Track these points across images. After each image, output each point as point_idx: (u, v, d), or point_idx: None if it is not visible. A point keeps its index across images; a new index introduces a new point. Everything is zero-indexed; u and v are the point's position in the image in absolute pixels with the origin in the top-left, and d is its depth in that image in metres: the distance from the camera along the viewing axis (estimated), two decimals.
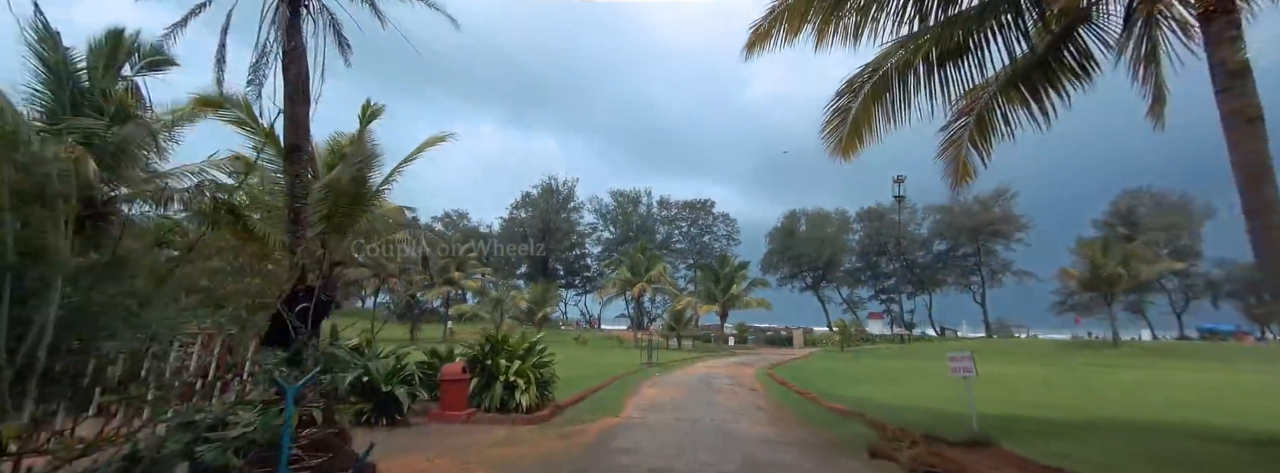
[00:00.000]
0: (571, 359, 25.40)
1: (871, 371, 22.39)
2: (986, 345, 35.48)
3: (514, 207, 76.30)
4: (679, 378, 18.42)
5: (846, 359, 29.57)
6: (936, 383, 16.30)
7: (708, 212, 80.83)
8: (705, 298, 40.30)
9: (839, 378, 18.98)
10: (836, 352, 36.47)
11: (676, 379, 17.85)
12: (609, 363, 23.83)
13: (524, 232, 74.80)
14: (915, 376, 20.13)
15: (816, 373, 21.17)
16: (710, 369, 22.89)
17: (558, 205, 76.32)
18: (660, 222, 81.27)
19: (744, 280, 40.87)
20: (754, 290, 42.04)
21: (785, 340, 51.24)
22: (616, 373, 18.69)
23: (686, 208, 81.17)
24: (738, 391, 15.22)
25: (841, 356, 33.51)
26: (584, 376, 16.77)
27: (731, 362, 28.15)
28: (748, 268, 42.26)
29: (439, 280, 46.73)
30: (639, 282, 42.34)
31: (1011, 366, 24.21)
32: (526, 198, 76.11)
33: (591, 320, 79.24)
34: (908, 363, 26.64)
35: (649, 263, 43.44)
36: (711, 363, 26.92)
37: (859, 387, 15.81)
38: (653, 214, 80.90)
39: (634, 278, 43.15)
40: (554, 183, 76.53)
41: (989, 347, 35.03)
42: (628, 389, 14.71)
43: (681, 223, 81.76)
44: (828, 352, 37.46)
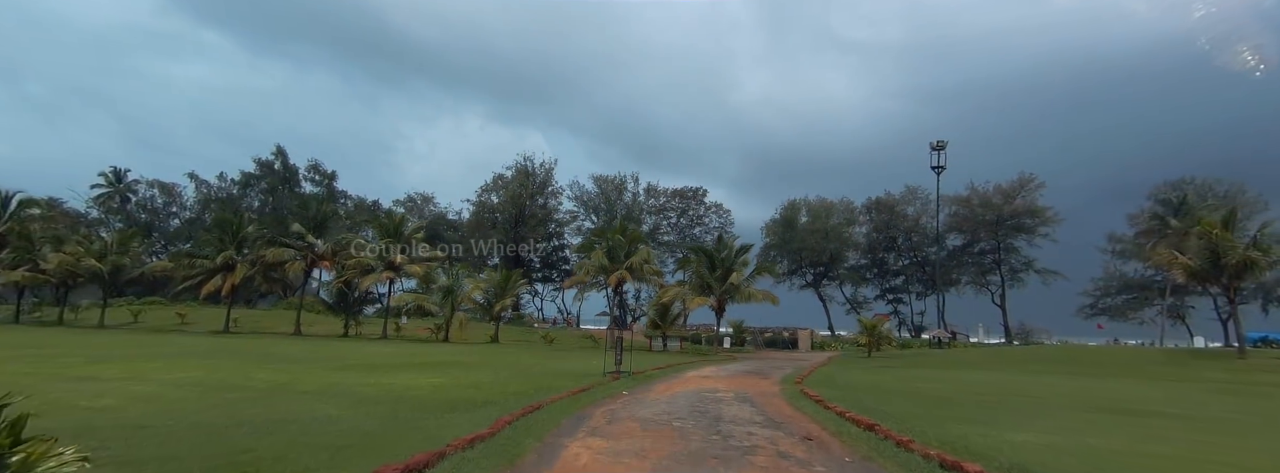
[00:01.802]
0: (509, 366, 17.91)
1: (946, 387, 15.06)
2: (1064, 355, 28.25)
3: (483, 190, 68.36)
4: (658, 404, 10.85)
5: (887, 369, 22.25)
6: (1074, 417, 9.33)
7: (699, 201, 73.41)
8: (697, 289, 32.84)
9: (913, 401, 11.66)
10: (864, 357, 29.17)
11: (654, 409, 10.28)
12: (558, 371, 16.34)
13: (494, 218, 67.01)
14: (1017, 397, 12.89)
15: (867, 389, 13.85)
16: (708, 382, 15.44)
17: (534, 189, 68.54)
18: (647, 211, 73.67)
19: (746, 267, 33.47)
20: (758, 280, 34.67)
21: (789, 343, 43.92)
22: (554, 392, 11.20)
23: (676, 196, 73.67)
24: (776, 439, 7.73)
25: (873, 362, 26.23)
26: (481, 399, 9.34)
27: (735, 370, 20.71)
28: (750, 252, 34.79)
29: (380, 265, 38.92)
30: (618, 269, 34.79)
31: (1168, 389, 16.96)
32: (498, 180, 68.24)
33: (568, 318, 71.58)
34: (980, 376, 19.34)
35: (630, 247, 35.92)
36: (707, 372, 19.45)
37: (970, 423, 8.51)
38: (639, 203, 73.31)
39: (612, 265, 35.61)
40: (530, 164, 68.79)
41: (1068, 355, 27.81)
42: (537, 440, 7.12)
43: (670, 213, 74.24)
44: (852, 357, 30.17)
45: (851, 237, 69.09)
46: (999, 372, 21.13)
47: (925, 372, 20.78)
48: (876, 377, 18.39)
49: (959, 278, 66.30)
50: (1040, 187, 59.84)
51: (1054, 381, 18.17)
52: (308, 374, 13.36)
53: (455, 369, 15.94)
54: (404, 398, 9.60)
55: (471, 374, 14.63)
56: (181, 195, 65.00)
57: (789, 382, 15.90)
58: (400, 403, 9.00)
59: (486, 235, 64.96)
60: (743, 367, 22.70)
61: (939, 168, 47.52)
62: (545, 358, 23.00)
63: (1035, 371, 21.83)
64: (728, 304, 32.82)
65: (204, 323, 41.23)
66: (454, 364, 17.92)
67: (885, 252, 69.73)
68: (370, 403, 8.87)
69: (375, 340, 34.46)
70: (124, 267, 39.87)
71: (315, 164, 73.51)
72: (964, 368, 22.66)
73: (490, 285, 38.44)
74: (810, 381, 15.99)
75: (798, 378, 16.60)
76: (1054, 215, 59.18)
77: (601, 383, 13.35)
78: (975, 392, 14.08)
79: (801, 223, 68.76)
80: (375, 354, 22.00)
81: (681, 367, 21.32)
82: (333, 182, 75.04)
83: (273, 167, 71.00)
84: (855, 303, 71.09)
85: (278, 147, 70.93)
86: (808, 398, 11.89)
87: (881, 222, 67.80)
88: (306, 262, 38.60)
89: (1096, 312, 60.29)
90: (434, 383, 12.29)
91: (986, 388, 14.94)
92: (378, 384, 11.66)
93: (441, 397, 9.77)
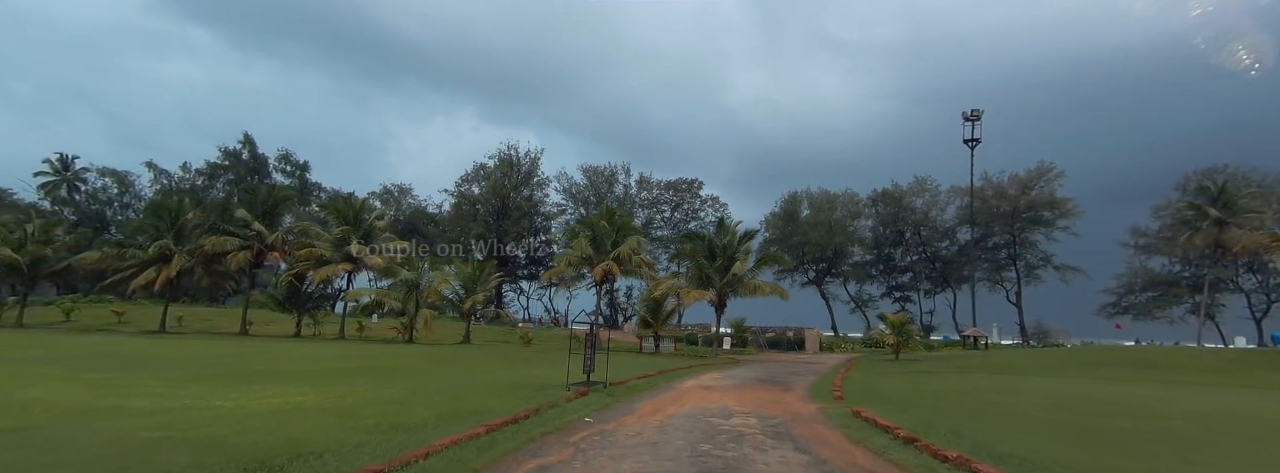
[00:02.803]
0: (449, 376, 13.61)
1: (1043, 404, 10.82)
2: (1127, 358, 24.07)
3: (464, 180, 63.75)
4: (638, 445, 6.48)
5: (931, 375, 18.02)
6: None
7: (695, 194, 69.01)
8: (694, 282, 28.50)
9: (1040, 431, 7.45)
10: (889, 360, 24.90)
11: (630, 459, 5.90)
12: (512, 383, 12.05)
13: (474, 210, 62.51)
14: (1180, 421, 8.72)
15: (942, 407, 9.68)
16: (712, 397, 11.16)
17: (518, 180, 64.06)
18: (640, 204, 69.23)
19: (749, 256, 29.15)
20: (764, 271, 30.39)
21: (794, 344, 39.66)
22: (475, 421, 6.87)
23: (670, 189, 69.27)
24: None
25: (905, 366, 22.01)
26: (320, 445, 4.91)
27: (744, 377, 16.42)
28: (754, 239, 30.42)
29: (336, 256, 34.45)
30: (604, 260, 30.46)
31: None
32: (480, 170, 63.66)
33: (555, 317, 67.17)
34: (1063, 385, 15.13)
35: (618, 235, 31.59)
36: (709, 380, 15.16)
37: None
38: (631, 195, 68.88)
39: (597, 255, 31.28)
40: (514, 154, 64.22)
41: (1132, 358, 23.65)
42: None
43: (664, 206, 69.84)
44: (874, 360, 25.92)
45: (856, 231, 64.92)
46: (1076, 378, 16.98)
47: (983, 379, 16.57)
48: (930, 386, 14.14)
49: (970, 274, 62.14)
50: (1059, 176, 55.82)
51: (1164, 392, 13.98)
52: (138, 390, 9.09)
53: (365, 381, 11.61)
54: (168, 442, 5.26)
55: (381, 389, 10.33)
56: (135, 185, 60.18)
57: (823, 395, 11.65)
58: (139, 453, 4.68)
59: (467, 229, 60.39)
60: (751, 373, 18.42)
61: (973, 141, 43.49)
62: (510, 364, 18.65)
63: (1119, 378, 17.65)
64: (729, 299, 28.52)
65: (144, 322, 36.75)
66: (375, 373, 13.59)
67: (892, 247, 65.57)
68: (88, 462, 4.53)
69: (330, 341, 30.11)
70: (46, 258, 35.22)
71: (286, 154, 68.97)
72: (1024, 374, 18.49)
73: (461, 279, 34.02)
74: (852, 393, 11.72)
75: (833, 390, 12.31)
76: (1075, 207, 55.13)
77: (557, 404, 9.02)
78: (1098, 411, 9.84)
79: (803, 216, 64.59)
80: (296, 359, 17.68)
81: (676, 373, 17.01)
82: (305, 172, 70.42)
83: (240, 156, 66.43)
84: (860, 301, 66.95)
85: (245, 135, 66.46)
86: (875, 427, 7.63)
87: (888, 215, 63.63)
88: (253, 252, 34.01)
89: (1119, 310, 56.28)
90: (296, 405, 7.98)
91: (1107, 406, 10.70)
92: (196, 409, 7.33)
93: (250, 440, 5.43)
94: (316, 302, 35.55)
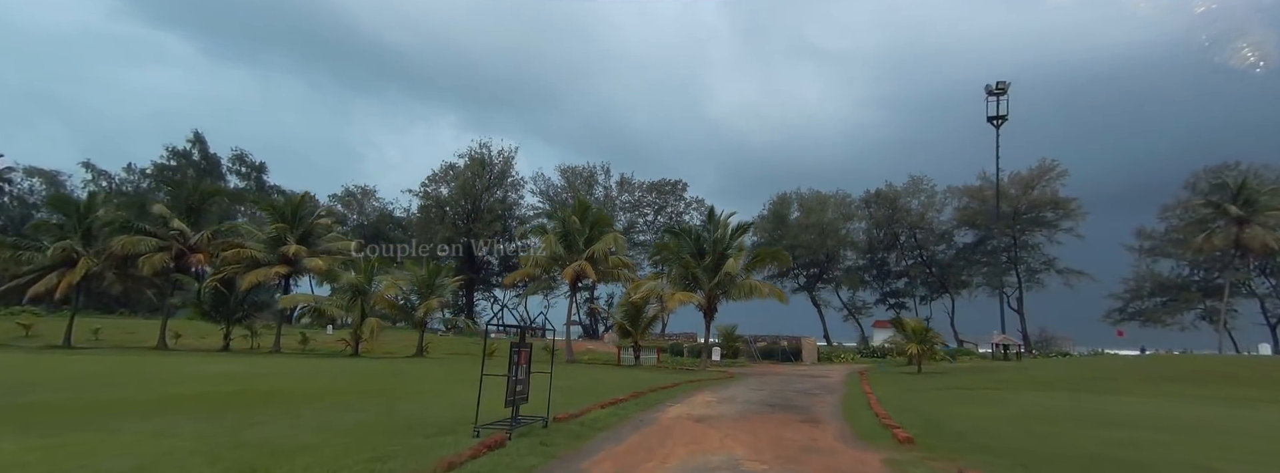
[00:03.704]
0: (340, 407, 9.58)
1: (1182, 444, 7.05)
2: (1186, 369, 20.50)
3: (431, 180, 59.39)
4: None
5: (985, 392, 14.26)
6: None
7: (679, 196, 65.32)
8: (680, 283, 24.58)
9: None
10: (913, 374, 21.04)
11: None
12: (419, 419, 8.02)
13: (443, 213, 58.15)
14: None
15: (1038, 445, 5.74)
16: (711, 437, 7.27)
17: (490, 180, 59.87)
18: (621, 207, 65.29)
19: (743, 253, 25.30)
20: (759, 271, 26.60)
21: (790, 354, 35.82)
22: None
23: (652, 190, 65.53)
24: None
25: (936, 381, 18.24)
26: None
27: (747, 402, 12.49)
28: (747, 233, 26.61)
29: (271, 258, 30.10)
30: (576, 260, 26.47)
31: None
32: (449, 170, 59.35)
33: (531, 327, 62.69)
34: (1147, 405, 11.47)
35: (593, 231, 27.66)
36: (701, 405, 11.29)
37: None
38: (612, 198, 64.93)
39: (568, 255, 27.31)
40: (486, 153, 60.02)
41: (1192, 370, 20.08)
42: None
43: (647, 209, 66.02)
44: (892, 372, 22.07)
45: (849, 234, 61.56)
46: (1160, 398, 13.34)
47: (1058, 400, 12.81)
48: (1000, 410, 10.34)
49: (970, 279, 59.03)
50: (1062, 175, 52.97)
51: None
52: None
53: (230, 413, 7.57)
54: None
55: (215, 429, 6.27)
56: (67, 186, 55.02)
57: (875, 433, 7.81)
58: None
59: (434, 232, 55.94)
60: (752, 392, 14.52)
61: (998, 119, 40.30)
62: (448, 384, 14.59)
63: (1213, 397, 13.99)
64: (720, 303, 24.64)
65: (54, 335, 31.94)
66: (246, 401, 9.54)
67: (886, 251, 62.26)
68: None
69: (263, 356, 25.77)
70: None
71: (241, 154, 64.19)
72: (1094, 392, 14.77)
73: (415, 283, 29.79)
74: (913, 426, 7.84)
75: (883, 421, 8.44)
76: (1078, 208, 52.25)
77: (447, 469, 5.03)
78: None
79: (793, 219, 61.09)
80: (180, 379, 13.59)
81: (656, 396, 13.03)
82: (262, 174, 65.66)
83: (190, 157, 61.52)
84: (853, 308, 63.48)
85: (195, 133, 61.63)
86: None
87: (882, 217, 60.35)
88: (171, 254, 29.50)
89: (1125, 317, 53.31)
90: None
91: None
92: None
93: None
94: (247, 311, 30.96)
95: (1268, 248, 38.23)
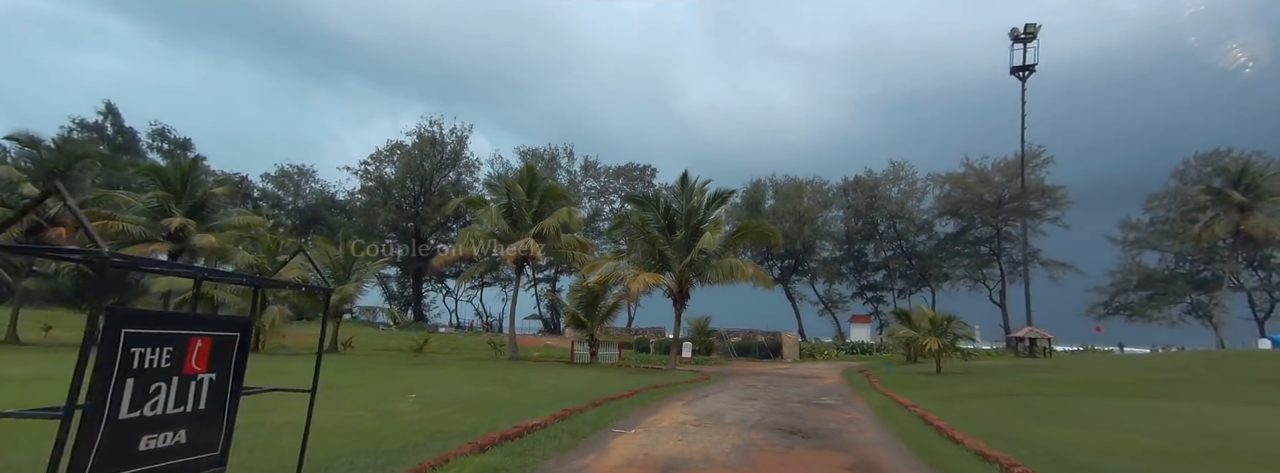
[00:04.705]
0: None
1: None
2: (1258, 371, 17.08)
3: (374, 159, 53.84)
4: None
5: (1062, 401, 10.40)
6: None
7: (648, 182, 61.00)
8: (644, 264, 20.26)
9: None
10: (933, 374, 17.12)
11: None
12: None
13: (386, 195, 52.72)
14: None
15: None
16: None
17: (442, 160, 54.69)
18: (587, 194, 60.70)
19: (722, 228, 21.14)
20: (738, 253, 22.48)
21: (768, 350, 31.96)
22: None
23: (619, 176, 61.14)
24: None
25: (966, 385, 14.39)
26: None
27: (741, 418, 8.35)
28: (729, 202, 22.46)
29: (150, 232, 24.84)
30: (521, 237, 21.95)
31: None
32: (396, 149, 53.86)
33: (486, 321, 57.96)
34: (1253, 414, 7.60)
35: (542, 204, 23.20)
36: (671, 432, 7.00)
37: None
38: (576, 183, 60.25)
39: (514, 232, 22.80)
40: (437, 132, 54.73)
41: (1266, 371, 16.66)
42: None
43: (613, 196, 61.55)
44: (908, 373, 18.16)
45: (825, 223, 58.16)
46: (1247, 404, 9.61)
47: (1190, 413, 8.95)
48: (1114, 436, 6.34)
49: (951, 272, 56.26)
50: (1048, 162, 50.33)
51: None
52: None
53: None
54: None
55: None
56: None
57: None
58: None
59: (377, 215, 50.56)
60: (743, 403, 10.37)
61: (1025, 70, 37.03)
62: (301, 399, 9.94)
63: None
64: (692, 288, 20.43)
65: None
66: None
67: (863, 242, 59.10)
68: None
69: None
70: None
71: (162, 129, 57.47)
72: (1169, 398, 11.05)
73: (329, 266, 24.90)
74: None
75: (1003, 462, 4.23)
76: (1064, 196, 49.67)
77: None
78: None
79: (767, 207, 57.33)
80: None
81: (602, 413, 8.74)
82: (187, 151, 59.17)
83: (103, 130, 54.75)
84: (829, 302, 60.20)
85: (106, 104, 54.74)
86: None
87: (860, 205, 57.03)
88: (23, 228, 24.01)
89: (1110, 311, 51.12)
90: None
91: None
92: None
93: None
94: (123, 297, 25.64)
95: (1272, 236, 35.91)
